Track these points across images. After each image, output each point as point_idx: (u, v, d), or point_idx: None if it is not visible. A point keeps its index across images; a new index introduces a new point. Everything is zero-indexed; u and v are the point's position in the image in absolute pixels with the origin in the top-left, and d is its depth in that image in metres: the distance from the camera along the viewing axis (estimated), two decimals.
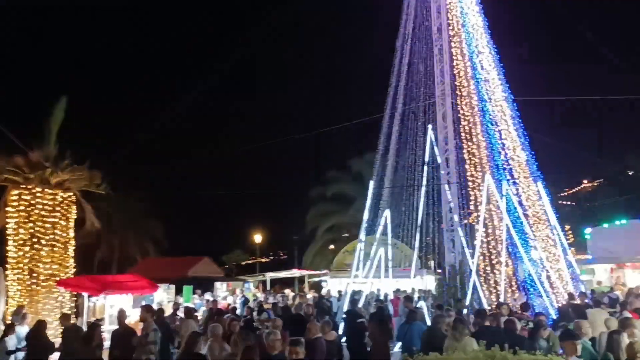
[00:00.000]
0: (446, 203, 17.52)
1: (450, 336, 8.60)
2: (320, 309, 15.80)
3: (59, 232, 15.66)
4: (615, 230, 26.30)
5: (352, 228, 30.01)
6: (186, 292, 21.81)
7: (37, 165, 15.55)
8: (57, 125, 16.54)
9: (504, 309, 11.97)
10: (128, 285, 15.25)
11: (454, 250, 17.50)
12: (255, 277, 35.26)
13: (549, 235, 17.87)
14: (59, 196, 15.80)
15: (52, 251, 15.45)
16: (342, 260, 29.36)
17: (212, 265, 31.15)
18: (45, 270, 15.18)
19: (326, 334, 10.13)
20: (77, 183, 16.30)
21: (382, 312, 14.09)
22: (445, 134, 17.63)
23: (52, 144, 16.29)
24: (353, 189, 36.38)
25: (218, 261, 39.25)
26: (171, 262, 30.30)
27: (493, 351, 6.04)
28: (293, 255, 49.01)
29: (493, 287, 17.21)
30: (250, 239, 49.32)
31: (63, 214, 15.88)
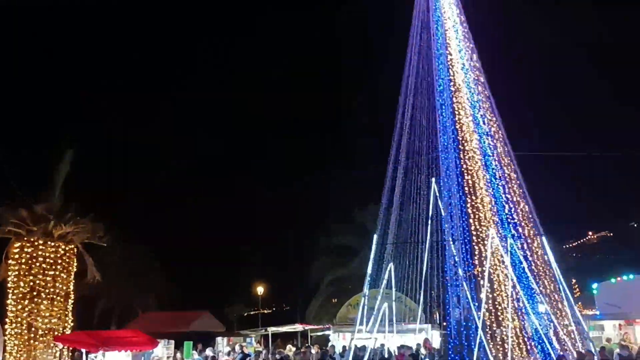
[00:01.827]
0: (450, 257, 17.36)
1: None
2: None
3: (59, 285, 15.58)
4: (624, 285, 25.91)
5: (356, 281, 29.65)
6: (186, 348, 21.37)
7: (41, 218, 15.61)
8: (62, 178, 16.68)
9: None
10: (127, 341, 14.96)
11: (459, 306, 17.21)
12: (257, 332, 34.63)
13: (555, 290, 17.60)
14: (61, 249, 15.80)
15: (52, 305, 15.32)
16: (345, 314, 28.90)
17: (213, 320, 30.69)
18: (44, 325, 15.01)
19: None
20: (80, 235, 16.31)
21: None
22: (448, 187, 17.63)
23: (57, 197, 16.38)
24: (357, 241, 36.17)
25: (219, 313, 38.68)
26: (172, 316, 29.88)
27: None
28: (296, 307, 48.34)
29: (500, 344, 16.82)
30: (253, 291, 48.75)
31: (64, 266, 15.83)
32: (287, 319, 39.55)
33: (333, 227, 40.08)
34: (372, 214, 29.01)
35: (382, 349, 18.13)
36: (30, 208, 15.52)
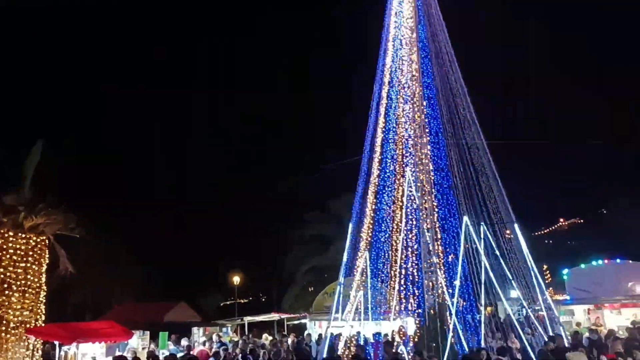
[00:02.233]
0: (425, 244, 17.56)
1: None
2: (300, 355, 15.57)
3: (31, 277, 15.29)
4: (593, 271, 26.50)
5: (332, 270, 29.81)
6: (162, 339, 21.28)
7: (11, 210, 15.27)
8: (33, 168, 16.33)
9: (482, 354, 11.90)
10: (101, 332, 14.85)
11: (433, 293, 17.44)
12: (233, 321, 34.60)
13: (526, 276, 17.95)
14: (32, 240, 15.50)
15: (24, 297, 15.04)
16: (321, 303, 29.06)
17: (188, 310, 30.59)
18: (15, 317, 14.74)
19: None
20: (51, 227, 16.00)
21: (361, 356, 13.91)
22: (423, 175, 17.79)
23: (27, 188, 16.04)
24: (332, 230, 36.34)
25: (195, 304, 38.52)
26: (147, 307, 29.71)
27: None
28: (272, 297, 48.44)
29: (473, 330, 17.11)
30: (229, 281, 48.69)
31: (36, 258, 15.55)
32: (263, 309, 39.62)
33: (308, 217, 40.26)
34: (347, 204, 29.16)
35: (357, 336, 18.29)
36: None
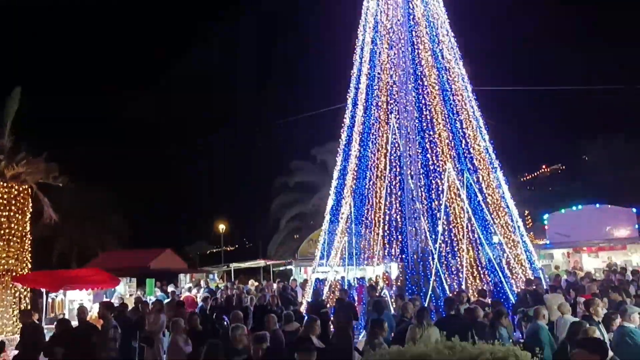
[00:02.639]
0: (408, 191, 17.69)
1: (414, 326, 8.71)
2: (285, 300, 15.85)
3: (14, 226, 15.26)
4: (572, 215, 27.01)
5: (317, 217, 30.08)
6: (149, 285, 21.50)
7: None
8: (11, 116, 16.04)
9: (463, 296, 12.19)
10: (88, 279, 14.95)
11: (416, 238, 17.70)
12: (219, 268, 35.05)
13: (508, 221, 18.25)
14: (14, 189, 15.38)
15: (8, 245, 15.05)
16: (306, 249, 29.45)
17: (175, 257, 30.78)
18: (1, 266, 14.76)
19: (287, 325, 10.18)
20: (33, 176, 15.86)
21: (345, 299, 14.20)
22: (407, 122, 17.75)
23: (7, 136, 15.80)
24: (317, 177, 36.48)
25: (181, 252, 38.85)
26: (133, 254, 29.83)
27: (453, 342, 6.13)
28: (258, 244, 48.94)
29: (455, 274, 17.49)
30: (215, 229, 48.99)
31: (19, 207, 15.48)
32: (249, 256, 40.10)
33: (293, 164, 40.24)
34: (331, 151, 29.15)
35: (341, 281, 18.65)
36: None
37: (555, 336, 8.85)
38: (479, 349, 5.70)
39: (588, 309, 9.05)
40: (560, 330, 8.94)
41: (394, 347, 6.27)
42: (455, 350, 5.73)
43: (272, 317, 9.57)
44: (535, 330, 8.36)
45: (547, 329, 8.64)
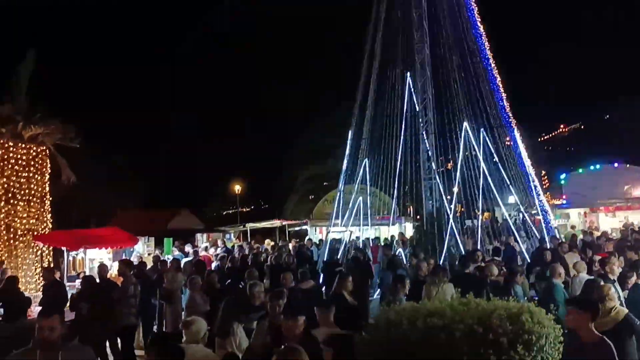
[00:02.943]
0: (424, 151, 17.61)
1: (428, 283, 8.79)
2: (301, 258, 16.02)
3: (34, 187, 15.44)
4: (590, 175, 26.77)
5: (332, 178, 30.12)
6: (166, 245, 21.86)
7: (9, 119, 15.16)
8: (28, 77, 16.07)
9: (478, 254, 12.22)
10: (107, 238, 15.20)
11: (431, 198, 17.70)
12: (235, 228, 35.41)
13: (524, 181, 18.15)
14: (32, 150, 15.51)
15: (29, 206, 15.27)
16: (321, 210, 29.63)
17: (191, 217, 31.20)
18: (22, 225, 15.03)
19: (303, 283, 10.32)
20: (50, 137, 15.96)
21: (360, 258, 14.33)
22: (423, 82, 17.53)
23: (23, 97, 15.86)
24: (331, 138, 36.36)
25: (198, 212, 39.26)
26: (150, 214, 30.27)
27: (468, 298, 6.18)
28: (273, 205, 49.25)
29: (470, 233, 17.54)
30: (231, 190, 49.30)
31: (38, 168, 15.63)
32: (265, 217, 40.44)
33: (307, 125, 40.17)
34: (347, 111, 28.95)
35: (356, 240, 18.79)
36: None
37: (570, 294, 8.88)
38: (494, 305, 5.74)
39: (603, 267, 9.05)
40: (575, 289, 8.96)
41: (408, 303, 6.35)
42: (470, 306, 5.78)
43: (289, 275, 9.70)
44: (551, 288, 8.38)
45: (563, 287, 8.66)
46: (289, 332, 4.86)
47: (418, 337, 5.36)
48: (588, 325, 4.49)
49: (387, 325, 5.71)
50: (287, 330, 4.91)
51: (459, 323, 5.33)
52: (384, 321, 5.83)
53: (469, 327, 5.27)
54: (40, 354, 4.26)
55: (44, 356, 4.24)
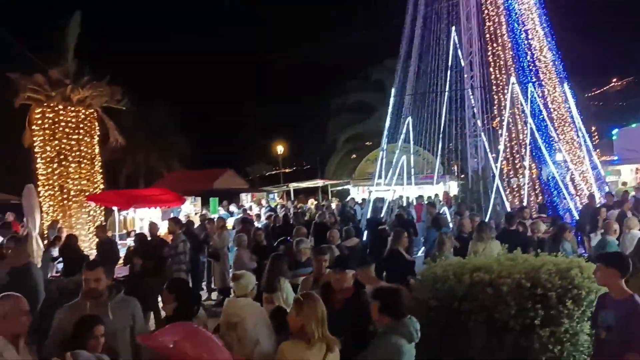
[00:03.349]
0: (469, 108, 17.23)
1: (474, 240, 8.72)
2: (344, 217, 16.11)
3: (84, 149, 15.87)
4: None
5: (374, 137, 29.92)
6: (212, 204, 22.31)
7: (58, 83, 15.52)
8: (74, 41, 16.33)
9: (525, 212, 12.02)
10: (156, 198, 15.57)
11: (476, 156, 17.40)
12: (279, 188, 35.82)
13: (574, 137, 17.61)
14: (81, 113, 15.88)
15: (80, 167, 15.73)
16: (364, 169, 29.55)
17: (236, 177, 31.63)
18: (74, 186, 15.54)
19: (347, 240, 10.40)
20: (98, 99, 16.30)
21: (404, 216, 14.29)
22: (469, 35, 17.01)
23: (70, 61, 16.16)
24: (374, 97, 35.97)
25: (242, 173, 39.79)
26: (196, 175, 30.80)
27: (515, 254, 6.13)
28: (316, 165, 49.41)
29: (516, 191, 17.24)
30: (273, 150, 49.65)
31: (87, 130, 16.02)
32: (307, 177, 40.70)
33: (349, 85, 39.73)
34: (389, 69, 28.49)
35: (400, 199, 18.72)
36: (45, 73, 15.42)
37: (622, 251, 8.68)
38: (542, 260, 5.68)
39: None
40: (626, 246, 8.73)
41: (455, 258, 6.34)
42: (517, 261, 5.73)
43: (335, 232, 9.79)
44: (604, 244, 8.20)
45: (617, 244, 8.46)
46: (338, 286, 4.91)
47: (464, 292, 5.37)
48: (617, 282, 4.29)
49: (434, 280, 5.74)
50: (335, 283, 4.97)
51: (506, 278, 5.31)
52: (430, 276, 5.86)
53: (516, 282, 5.25)
54: (90, 305, 4.44)
55: (92, 307, 4.42)
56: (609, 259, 4.50)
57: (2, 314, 3.89)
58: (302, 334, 3.90)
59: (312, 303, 4.04)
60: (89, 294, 4.47)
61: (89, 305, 4.43)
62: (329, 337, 3.95)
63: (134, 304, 4.76)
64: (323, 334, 3.91)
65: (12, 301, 3.99)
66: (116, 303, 4.56)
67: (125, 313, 4.57)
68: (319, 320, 3.92)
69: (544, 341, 5.05)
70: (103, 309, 4.41)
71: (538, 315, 5.08)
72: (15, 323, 3.91)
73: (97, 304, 4.45)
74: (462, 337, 5.27)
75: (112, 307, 4.49)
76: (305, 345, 3.85)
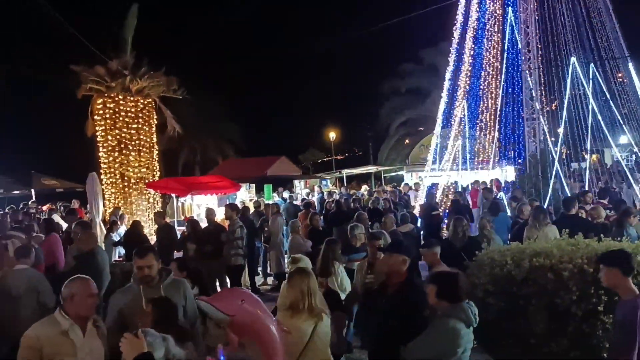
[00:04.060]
0: (527, 90, 16.73)
1: (530, 225, 8.51)
2: (399, 203, 16.02)
3: (143, 138, 16.36)
4: None
5: (428, 122, 29.50)
6: (267, 191, 22.59)
7: (117, 74, 16.02)
8: (131, 33, 16.79)
9: (587, 197, 11.62)
10: (212, 185, 15.89)
11: (535, 140, 16.91)
12: (332, 174, 35.89)
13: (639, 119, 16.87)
14: (140, 103, 16.35)
15: (139, 156, 16.24)
16: (418, 155, 29.26)
17: (289, 164, 31.85)
18: (134, 174, 16.07)
19: (402, 226, 10.34)
20: (155, 89, 16.74)
21: (460, 201, 14.08)
22: (526, 14, 16.47)
23: (129, 52, 16.63)
24: (427, 81, 35.38)
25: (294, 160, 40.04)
26: (250, 162, 31.20)
27: (577, 239, 5.94)
28: (368, 151, 49.18)
29: (578, 175, 16.69)
30: (325, 137, 49.70)
31: (145, 120, 16.50)
32: (360, 164, 40.57)
33: (402, 69, 39.20)
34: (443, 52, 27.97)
35: (455, 184, 18.45)
36: (106, 65, 15.94)
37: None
38: (605, 245, 5.50)
39: None
40: None
41: (513, 243, 6.21)
42: (579, 246, 5.56)
43: (390, 218, 9.77)
44: None
45: None
46: (390, 268, 4.87)
47: (524, 276, 5.26)
48: (622, 282, 4.05)
49: (491, 265, 5.65)
50: (387, 266, 4.93)
51: (567, 263, 5.17)
52: (487, 261, 5.77)
53: (578, 267, 5.10)
54: (143, 289, 4.62)
55: (146, 291, 4.60)
56: (609, 259, 4.26)
57: (69, 295, 4.08)
58: (291, 305, 4.31)
59: (299, 278, 4.43)
60: (143, 280, 4.63)
61: (142, 289, 4.60)
62: (318, 308, 4.31)
63: (184, 285, 4.95)
64: (311, 305, 4.27)
65: (80, 283, 4.18)
66: (167, 285, 4.72)
67: (177, 293, 4.73)
68: (305, 293, 4.29)
69: (608, 327, 4.90)
70: (156, 292, 4.60)
71: (601, 301, 4.92)
72: (82, 305, 4.09)
73: (149, 287, 4.63)
74: (522, 322, 5.18)
75: (165, 289, 4.66)
76: (295, 315, 4.24)
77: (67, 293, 4.08)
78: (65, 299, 4.08)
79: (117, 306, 4.60)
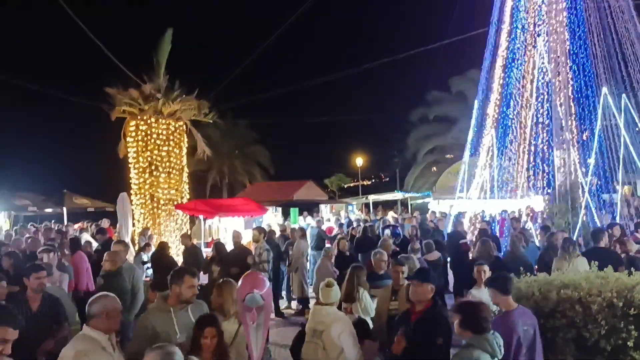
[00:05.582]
0: (557, 120, 16.57)
1: (559, 256, 8.39)
2: (424, 230, 15.92)
3: (173, 160, 16.61)
4: None
5: (456, 149, 29.41)
6: (293, 214, 22.69)
7: (150, 97, 16.38)
8: (165, 57, 17.17)
9: (615, 229, 11.39)
10: (239, 208, 16.04)
11: (564, 170, 16.68)
12: (358, 200, 35.88)
13: None
14: (171, 126, 16.65)
15: (169, 178, 16.48)
16: (445, 182, 29.07)
17: (315, 189, 31.96)
18: (164, 195, 16.30)
19: (428, 255, 10.29)
20: (187, 113, 17.04)
21: (488, 230, 13.94)
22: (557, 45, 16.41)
23: (162, 76, 17.00)
24: (455, 109, 35.36)
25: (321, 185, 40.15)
26: (277, 186, 31.41)
27: (606, 272, 5.85)
28: (395, 177, 49.10)
29: (609, 207, 16.38)
30: (352, 162, 49.86)
31: (176, 142, 16.77)
32: (386, 190, 40.51)
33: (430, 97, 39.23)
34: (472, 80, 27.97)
35: (482, 213, 18.26)
36: (139, 88, 16.33)
37: None
38: (636, 280, 5.40)
39: None
40: None
41: (540, 275, 6.13)
42: (609, 279, 5.48)
43: (416, 245, 9.73)
44: None
45: None
46: (416, 297, 4.88)
47: (551, 308, 5.20)
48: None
49: (517, 297, 5.58)
50: (413, 294, 4.93)
51: (597, 296, 5.10)
52: (514, 292, 5.70)
53: (607, 300, 5.02)
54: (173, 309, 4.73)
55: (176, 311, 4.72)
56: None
57: (103, 312, 4.19)
58: (221, 310, 4.96)
59: (230, 286, 5.06)
60: (189, 300, 4.79)
61: (173, 309, 4.71)
62: None
63: (205, 307, 5.05)
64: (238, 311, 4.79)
65: (110, 300, 4.31)
66: (195, 305, 4.86)
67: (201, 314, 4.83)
68: (234, 300, 4.85)
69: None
70: (184, 312, 4.74)
71: (631, 336, 4.83)
72: (113, 320, 4.22)
73: (180, 308, 4.74)
74: (550, 355, 5.10)
75: (192, 310, 4.78)
76: (223, 318, 4.76)
77: (99, 309, 4.18)
78: (96, 315, 4.17)
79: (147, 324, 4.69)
